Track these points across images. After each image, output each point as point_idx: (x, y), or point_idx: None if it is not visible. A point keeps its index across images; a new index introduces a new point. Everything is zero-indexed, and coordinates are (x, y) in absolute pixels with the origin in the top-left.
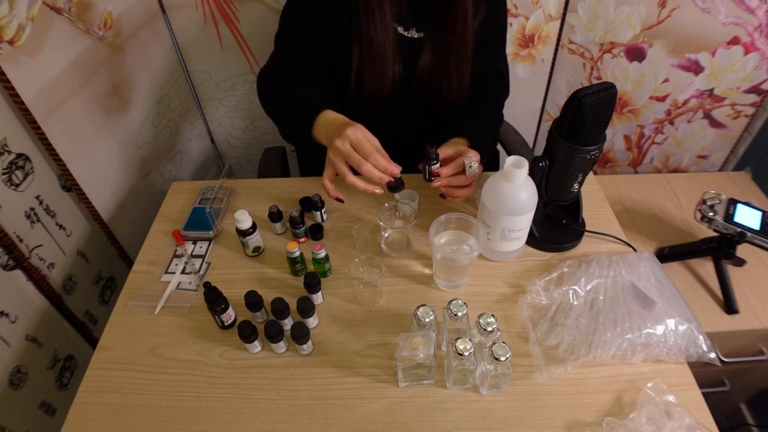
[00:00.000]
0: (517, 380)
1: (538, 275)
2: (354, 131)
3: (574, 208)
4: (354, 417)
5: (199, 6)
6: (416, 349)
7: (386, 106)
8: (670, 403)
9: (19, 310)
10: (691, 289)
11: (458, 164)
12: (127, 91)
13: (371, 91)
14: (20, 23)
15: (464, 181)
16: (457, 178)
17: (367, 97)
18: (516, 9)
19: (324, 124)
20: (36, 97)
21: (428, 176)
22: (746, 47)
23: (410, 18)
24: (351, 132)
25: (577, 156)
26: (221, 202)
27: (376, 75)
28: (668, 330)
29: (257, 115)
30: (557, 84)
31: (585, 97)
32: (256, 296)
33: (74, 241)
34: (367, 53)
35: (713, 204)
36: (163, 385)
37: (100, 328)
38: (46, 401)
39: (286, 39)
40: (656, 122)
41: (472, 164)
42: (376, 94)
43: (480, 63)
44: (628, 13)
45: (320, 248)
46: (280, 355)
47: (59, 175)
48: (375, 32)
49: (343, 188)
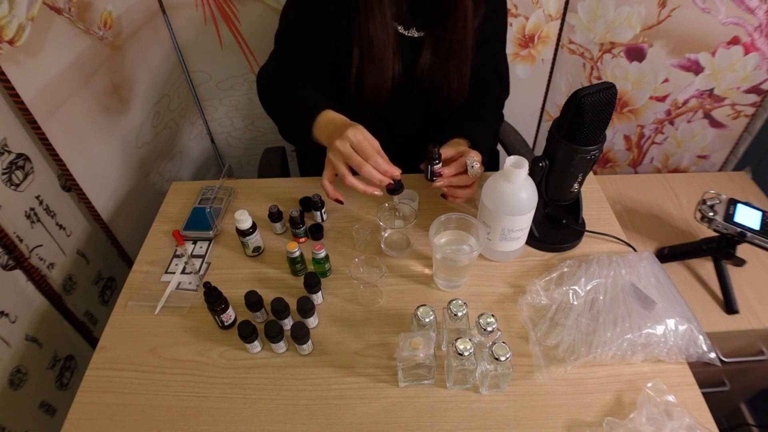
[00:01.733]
0: (517, 380)
1: (538, 275)
2: (355, 132)
3: (574, 208)
4: (354, 417)
5: (199, 6)
6: (416, 349)
7: (386, 106)
8: (670, 403)
9: (19, 310)
10: (691, 289)
11: (460, 164)
12: (127, 91)
13: (371, 90)
14: (20, 23)
15: (466, 181)
16: (459, 178)
17: (368, 97)
18: (516, 9)
19: (324, 124)
20: (36, 97)
21: (430, 176)
22: (746, 47)
23: (410, 17)
24: (351, 133)
25: (577, 156)
26: (221, 202)
27: (376, 74)
28: (668, 330)
29: (257, 115)
30: (557, 84)
31: (585, 97)
32: (256, 296)
33: (74, 241)
34: (367, 53)
35: (713, 204)
36: (163, 385)
37: (100, 328)
38: (46, 401)
39: (285, 38)
40: (656, 122)
41: (474, 164)
42: (377, 93)
43: (480, 63)
44: (628, 13)
45: (320, 248)
46: (280, 355)
47: (59, 175)
48: (375, 31)
49: (343, 189)
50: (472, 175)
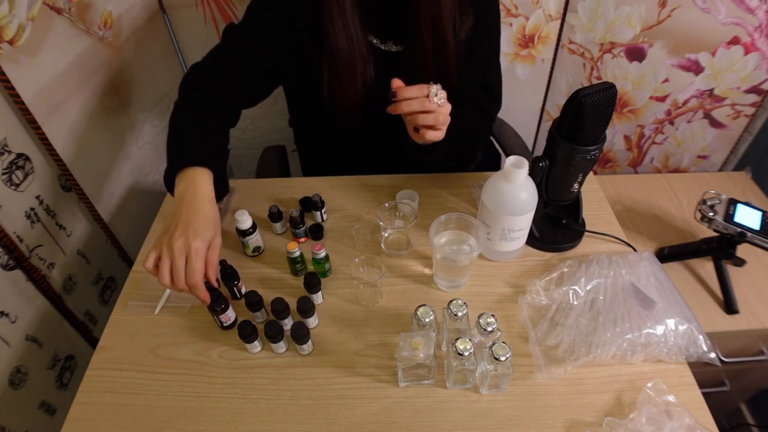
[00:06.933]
0: (517, 380)
1: (538, 275)
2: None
3: (574, 208)
4: (354, 417)
5: (199, 6)
6: (416, 349)
7: (362, 118)
8: (670, 403)
9: (19, 310)
10: (691, 289)
11: (421, 87)
12: (127, 91)
13: (342, 101)
14: (20, 23)
15: (428, 105)
16: (420, 101)
17: (339, 108)
18: (516, 9)
19: (188, 184)
20: (36, 97)
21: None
22: (746, 47)
23: (386, 30)
24: (199, 243)
25: (577, 156)
26: (221, 202)
27: (345, 85)
28: (668, 330)
29: (257, 115)
30: (557, 84)
31: (585, 97)
32: (256, 296)
33: (74, 241)
34: (333, 62)
35: (713, 204)
36: (163, 385)
37: (100, 328)
38: (46, 401)
39: (233, 36)
40: (656, 122)
41: (437, 92)
42: (347, 104)
43: (467, 77)
44: (628, 13)
45: (320, 248)
46: (280, 355)
47: (59, 175)
48: (337, 38)
49: (344, 190)
50: (433, 102)
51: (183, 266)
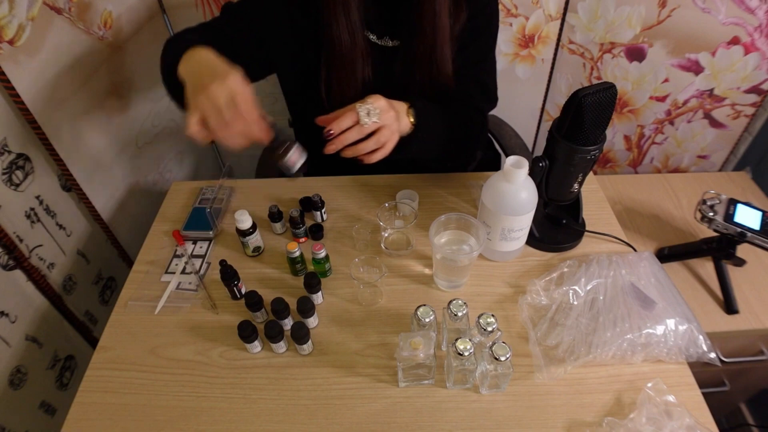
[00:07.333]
0: (517, 380)
1: (538, 275)
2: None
3: (574, 208)
4: (354, 417)
5: (199, 6)
6: (416, 349)
7: None
8: (670, 403)
9: (19, 310)
10: (691, 289)
11: (350, 114)
12: (127, 91)
13: (339, 96)
14: (20, 23)
15: (366, 130)
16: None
17: (337, 103)
18: (516, 9)
19: (194, 61)
20: (36, 97)
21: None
22: (746, 47)
23: (382, 26)
24: (233, 82)
25: (577, 156)
26: (221, 202)
27: (344, 80)
28: (668, 330)
29: None
30: (557, 84)
31: (585, 97)
32: (256, 296)
33: (74, 241)
34: (333, 59)
35: (713, 204)
36: (163, 385)
37: (100, 328)
38: (46, 401)
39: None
40: (656, 122)
41: (370, 111)
42: (345, 99)
43: (462, 72)
44: (628, 13)
45: (320, 248)
46: (280, 355)
47: (59, 175)
48: (340, 35)
49: (344, 190)
50: (369, 123)
51: (230, 107)
